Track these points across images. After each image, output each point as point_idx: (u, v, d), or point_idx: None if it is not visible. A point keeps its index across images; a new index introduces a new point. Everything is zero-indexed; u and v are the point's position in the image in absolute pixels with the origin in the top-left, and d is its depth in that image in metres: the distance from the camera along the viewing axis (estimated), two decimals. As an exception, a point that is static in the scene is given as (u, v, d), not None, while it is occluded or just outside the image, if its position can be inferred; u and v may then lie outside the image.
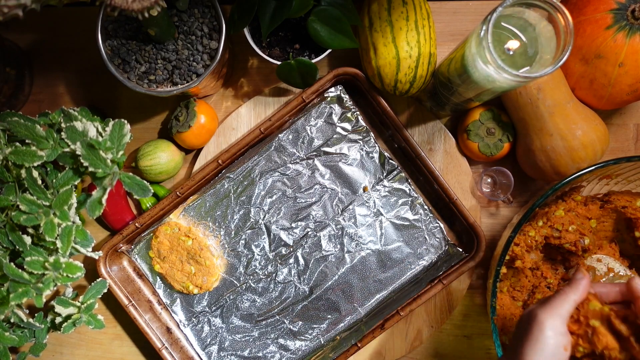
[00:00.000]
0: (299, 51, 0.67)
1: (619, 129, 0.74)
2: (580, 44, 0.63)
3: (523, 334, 0.48)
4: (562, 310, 0.47)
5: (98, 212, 0.55)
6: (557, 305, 0.48)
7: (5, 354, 0.63)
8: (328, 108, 0.71)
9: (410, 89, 0.66)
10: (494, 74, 0.51)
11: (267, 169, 0.72)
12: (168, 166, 0.70)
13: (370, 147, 0.72)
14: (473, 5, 0.74)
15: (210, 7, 0.63)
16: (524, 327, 0.48)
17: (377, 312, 0.71)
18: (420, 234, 0.71)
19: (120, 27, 0.63)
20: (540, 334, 0.46)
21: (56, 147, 0.57)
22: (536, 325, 0.47)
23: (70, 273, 0.60)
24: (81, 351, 0.75)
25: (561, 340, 0.47)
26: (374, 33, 0.64)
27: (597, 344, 0.47)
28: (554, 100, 0.63)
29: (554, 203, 0.67)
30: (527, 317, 0.49)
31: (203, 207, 0.72)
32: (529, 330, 0.47)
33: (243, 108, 0.73)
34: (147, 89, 0.63)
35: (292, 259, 0.72)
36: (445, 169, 0.72)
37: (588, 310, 0.48)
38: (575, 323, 0.49)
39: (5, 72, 0.69)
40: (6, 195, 0.57)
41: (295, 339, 0.72)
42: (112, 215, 0.71)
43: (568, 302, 0.48)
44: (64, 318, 0.66)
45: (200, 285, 0.71)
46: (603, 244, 0.67)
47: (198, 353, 0.72)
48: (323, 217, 0.72)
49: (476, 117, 0.69)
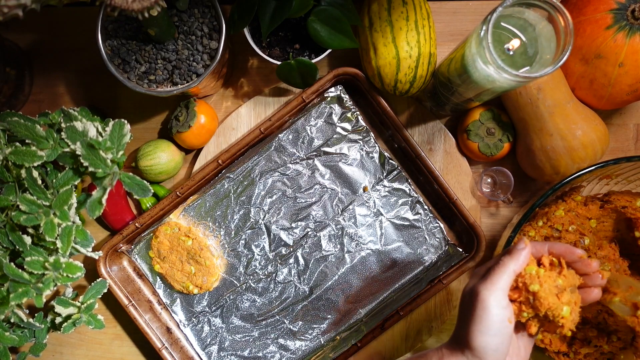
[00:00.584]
0: (299, 51, 0.67)
1: (619, 129, 0.74)
2: (580, 44, 0.63)
3: (467, 313, 0.47)
4: (503, 284, 0.47)
5: (98, 212, 0.55)
6: (498, 279, 0.47)
7: (5, 354, 0.63)
8: (328, 108, 0.71)
9: (410, 89, 0.66)
10: (494, 74, 0.51)
11: (267, 169, 0.72)
12: (168, 166, 0.70)
13: (370, 147, 0.72)
14: (473, 5, 0.74)
15: (210, 7, 0.63)
16: (468, 306, 0.48)
17: (377, 312, 0.71)
18: (420, 234, 0.71)
19: (120, 27, 0.63)
20: (484, 312, 0.46)
21: (56, 147, 0.57)
22: (479, 303, 0.46)
23: (70, 273, 0.60)
24: (81, 351, 0.75)
25: (505, 313, 0.46)
26: (374, 33, 0.64)
27: (540, 308, 0.47)
28: (554, 100, 0.63)
29: (554, 203, 0.67)
30: (469, 295, 0.48)
31: (203, 207, 0.72)
32: (473, 309, 0.47)
33: (243, 108, 0.73)
34: (147, 89, 0.63)
35: (292, 259, 0.72)
36: (445, 169, 0.72)
37: (526, 275, 0.48)
38: (515, 291, 0.48)
39: (5, 72, 0.69)
40: (6, 195, 0.58)
41: (295, 339, 0.72)
42: (112, 215, 0.71)
43: (508, 273, 0.47)
44: (64, 318, 0.66)
45: (200, 285, 0.71)
46: (603, 244, 0.67)
47: (198, 353, 0.72)
48: (323, 217, 0.72)
49: (476, 117, 0.69)
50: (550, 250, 0.50)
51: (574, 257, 0.50)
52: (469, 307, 0.47)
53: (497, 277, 0.47)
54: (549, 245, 0.51)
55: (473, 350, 0.46)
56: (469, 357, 0.47)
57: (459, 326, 0.49)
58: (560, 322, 0.47)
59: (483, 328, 0.46)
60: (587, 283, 0.51)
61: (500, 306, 0.46)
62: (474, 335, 0.46)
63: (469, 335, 0.46)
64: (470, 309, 0.47)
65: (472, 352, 0.46)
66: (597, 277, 0.51)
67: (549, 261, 0.49)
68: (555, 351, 0.63)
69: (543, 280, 0.47)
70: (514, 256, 0.48)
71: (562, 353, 0.64)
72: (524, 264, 0.48)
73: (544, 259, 0.49)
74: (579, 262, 0.50)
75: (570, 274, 0.49)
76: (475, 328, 0.46)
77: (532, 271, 0.48)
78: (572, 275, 0.50)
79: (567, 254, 0.50)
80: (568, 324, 0.48)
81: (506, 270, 0.47)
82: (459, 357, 0.47)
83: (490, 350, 0.46)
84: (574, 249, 0.50)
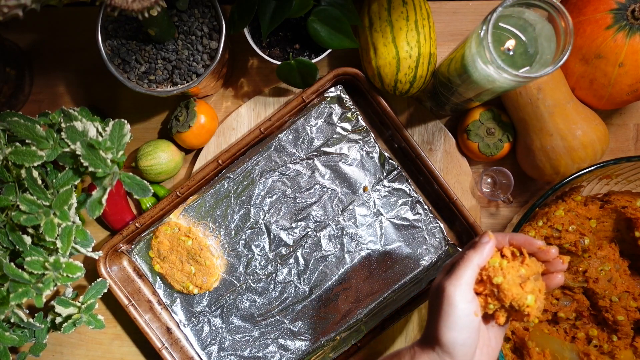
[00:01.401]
0: (299, 51, 0.67)
1: (619, 129, 0.74)
2: (580, 44, 0.63)
3: (435, 309, 0.48)
4: (468, 278, 0.47)
5: (98, 212, 0.55)
6: (463, 274, 0.47)
7: (5, 354, 0.63)
8: (328, 108, 0.71)
9: (410, 89, 0.66)
10: (494, 74, 0.51)
11: (267, 169, 0.72)
12: (168, 166, 0.70)
13: (370, 147, 0.72)
14: (473, 5, 0.74)
15: (210, 7, 0.63)
16: (435, 302, 0.48)
17: (377, 312, 0.71)
18: (420, 234, 0.71)
19: (120, 27, 0.63)
20: (450, 308, 0.46)
21: (56, 147, 0.57)
22: (446, 299, 0.47)
23: (70, 273, 0.60)
24: (81, 351, 0.75)
25: (471, 307, 0.47)
26: (374, 33, 0.64)
27: (505, 300, 0.47)
28: (554, 100, 0.63)
29: (554, 203, 0.67)
30: (436, 291, 0.49)
31: (203, 207, 0.72)
32: (439, 305, 0.47)
33: (243, 108, 0.73)
34: (147, 89, 0.63)
35: (292, 259, 0.72)
36: (445, 169, 0.72)
37: (489, 268, 0.48)
38: (479, 284, 0.49)
39: (5, 72, 0.69)
40: (6, 195, 0.58)
41: (295, 339, 0.72)
42: (112, 215, 0.71)
43: (472, 268, 0.48)
44: (64, 318, 0.66)
45: (200, 285, 0.71)
46: (603, 244, 0.67)
47: (198, 353, 0.72)
48: (323, 217, 0.72)
49: (476, 117, 0.69)
50: (510, 241, 0.51)
51: (534, 248, 0.50)
52: (436, 303, 0.48)
53: (462, 272, 0.47)
54: (510, 236, 0.51)
55: (442, 346, 0.47)
56: (439, 352, 0.47)
57: (429, 323, 0.49)
58: (526, 310, 0.48)
59: (450, 323, 0.46)
60: (549, 269, 0.51)
61: (465, 300, 0.46)
62: (442, 331, 0.46)
63: (438, 331, 0.47)
64: (437, 304, 0.48)
65: (441, 348, 0.47)
66: (558, 263, 0.51)
67: (510, 252, 0.49)
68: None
69: (506, 272, 0.48)
70: (478, 250, 0.48)
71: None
72: (488, 257, 0.48)
73: (505, 250, 0.50)
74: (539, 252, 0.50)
75: (532, 262, 0.49)
76: (443, 324, 0.46)
77: (495, 263, 0.48)
78: (535, 263, 0.50)
79: (527, 244, 0.50)
80: (534, 312, 0.48)
81: (470, 264, 0.48)
82: (430, 353, 0.48)
83: (459, 345, 0.46)
84: (534, 240, 0.50)
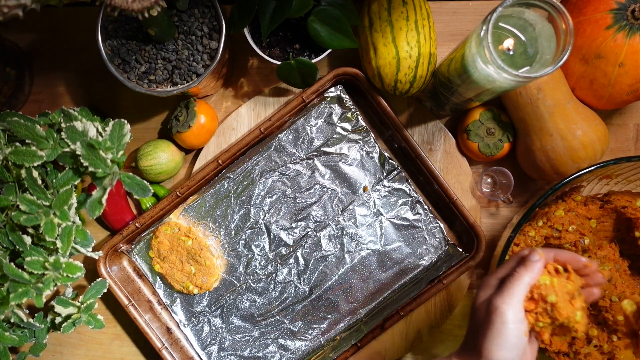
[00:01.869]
0: (299, 51, 0.67)
1: (619, 129, 0.74)
2: (580, 44, 0.63)
3: (483, 326, 0.47)
4: (520, 296, 0.47)
5: (98, 212, 0.55)
6: (515, 292, 0.47)
7: (5, 354, 0.63)
8: (328, 108, 0.71)
9: (410, 89, 0.66)
10: (494, 74, 0.51)
11: (267, 169, 0.72)
12: (168, 166, 0.70)
13: (370, 147, 0.72)
14: (473, 5, 0.74)
15: (210, 7, 0.63)
16: (484, 319, 0.47)
17: (377, 312, 0.71)
18: (420, 234, 0.71)
19: (120, 27, 0.63)
20: (503, 327, 0.46)
21: (56, 147, 0.57)
22: (498, 317, 0.46)
23: (70, 273, 0.60)
24: (81, 351, 0.75)
25: (522, 327, 0.46)
26: (374, 33, 0.64)
27: (559, 318, 0.47)
28: (554, 100, 0.63)
29: (554, 203, 0.67)
30: (485, 308, 0.48)
31: (203, 207, 0.72)
32: (489, 322, 0.46)
33: (243, 108, 0.73)
34: (147, 89, 0.63)
35: (292, 259, 0.72)
36: (445, 169, 0.72)
37: (541, 286, 0.48)
38: (530, 301, 0.48)
39: (5, 72, 0.69)
40: (6, 195, 0.58)
41: (295, 339, 0.72)
42: (112, 215, 0.71)
43: (523, 285, 0.47)
44: (64, 318, 0.66)
45: (200, 285, 0.71)
46: (603, 244, 0.67)
47: (198, 353, 0.72)
48: (323, 217, 0.72)
49: (476, 117, 0.69)
50: (556, 258, 0.51)
51: (580, 264, 0.50)
52: (486, 320, 0.47)
53: (514, 290, 0.47)
54: (554, 252, 0.51)
55: None
56: None
57: (472, 337, 0.49)
58: (575, 327, 0.48)
59: (501, 342, 0.46)
60: (588, 283, 0.51)
61: (517, 320, 0.46)
62: (491, 349, 0.46)
63: (485, 349, 0.46)
64: (487, 322, 0.47)
65: None
66: (598, 276, 0.51)
67: (554, 268, 0.49)
68: (555, 351, 0.63)
69: (558, 290, 0.48)
70: (529, 268, 0.48)
71: (562, 353, 0.64)
72: (539, 275, 0.48)
73: (549, 267, 0.49)
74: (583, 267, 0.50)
75: (575, 278, 0.49)
76: (493, 342, 0.46)
77: (546, 281, 0.48)
78: (577, 278, 0.50)
79: (574, 262, 0.50)
80: (582, 328, 0.48)
81: (522, 282, 0.47)
82: None
83: None
84: (580, 257, 0.50)
